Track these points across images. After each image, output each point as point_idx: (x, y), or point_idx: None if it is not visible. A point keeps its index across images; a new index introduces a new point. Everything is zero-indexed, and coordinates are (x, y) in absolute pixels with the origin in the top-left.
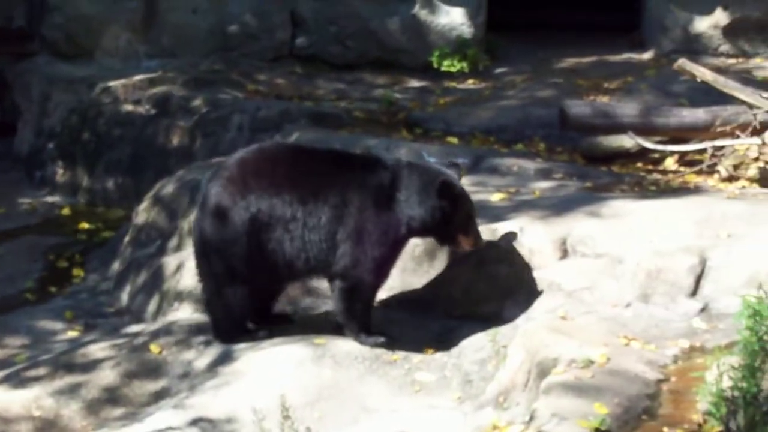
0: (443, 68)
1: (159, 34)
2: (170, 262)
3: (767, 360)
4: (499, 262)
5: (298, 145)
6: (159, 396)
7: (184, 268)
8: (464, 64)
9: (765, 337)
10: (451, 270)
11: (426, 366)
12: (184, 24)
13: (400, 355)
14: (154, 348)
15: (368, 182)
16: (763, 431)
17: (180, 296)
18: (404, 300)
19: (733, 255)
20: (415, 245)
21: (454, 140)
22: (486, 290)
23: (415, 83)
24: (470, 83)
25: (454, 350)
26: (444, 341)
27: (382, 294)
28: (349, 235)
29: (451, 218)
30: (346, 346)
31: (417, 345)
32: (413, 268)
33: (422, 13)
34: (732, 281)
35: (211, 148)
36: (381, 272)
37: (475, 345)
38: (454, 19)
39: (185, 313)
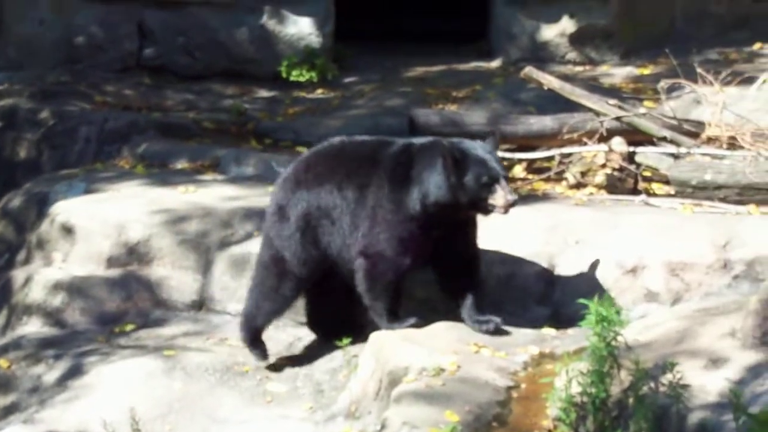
0: (292, 78)
1: (4, 46)
2: (18, 275)
3: (615, 365)
4: None
5: (349, 138)
6: (8, 411)
7: (32, 282)
8: (313, 74)
9: (613, 343)
10: None
11: (277, 376)
12: (30, 35)
13: (251, 365)
14: (2, 362)
15: (386, 162)
16: None
17: (29, 310)
18: None
19: (582, 261)
20: None
21: (303, 150)
22: None
23: (264, 93)
24: (319, 93)
25: (306, 360)
26: (295, 351)
27: (231, 304)
28: (368, 215)
29: (463, 185)
30: (196, 357)
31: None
32: None
33: (270, 23)
34: (580, 287)
35: (58, 161)
36: (399, 252)
37: (327, 355)
38: (302, 29)
39: (34, 327)
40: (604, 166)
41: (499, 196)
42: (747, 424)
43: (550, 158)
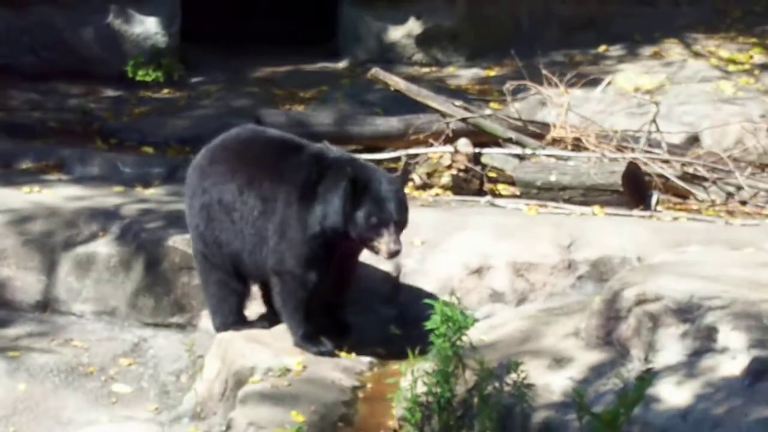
0: (138, 78)
1: None
2: None
3: (460, 365)
4: (195, 271)
5: (259, 130)
6: None
7: None
8: (159, 74)
9: (458, 343)
10: (146, 279)
11: (122, 377)
12: None
13: (95, 366)
14: None
15: (294, 177)
16: None
17: None
18: (99, 311)
19: (427, 262)
20: (110, 256)
21: (149, 150)
22: (182, 299)
23: (110, 93)
24: (165, 93)
25: (151, 361)
26: (140, 352)
27: (76, 305)
28: (275, 230)
29: (354, 219)
30: (41, 359)
31: (112, 356)
32: (108, 279)
33: (116, 23)
34: (426, 287)
35: None
36: (306, 269)
37: (172, 355)
38: (148, 29)
39: None
40: (449, 167)
41: (383, 242)
42: (591, 424)
43: (397, 159)
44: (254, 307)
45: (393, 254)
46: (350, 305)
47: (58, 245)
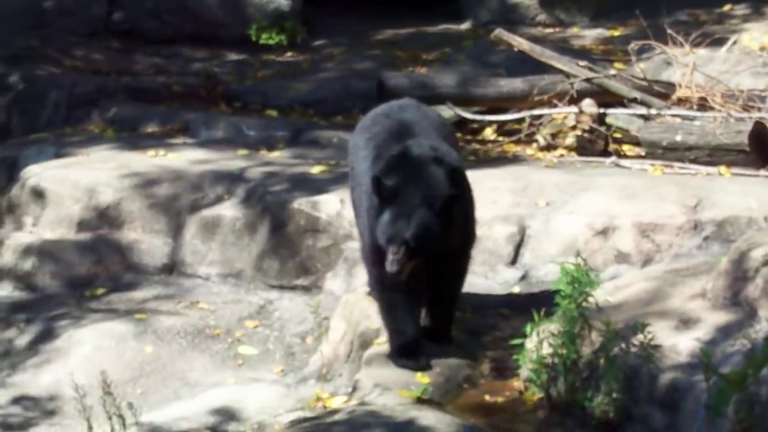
0: (261, 41)
1: None
2: None
3: (586, 326)
4: (320, 233)
5: (406, 106)
6: None
7: (3, 246)
8: (282, 37)
9: (584, 304)
10: (271, 242)
11: (248, 339)
12: None
13: (221, 328)
14: None
15: (379, 165)
16: (583, 397)
17: (0, 274)
18: (225, 273)
19: (552, 223)
20: (235, 218)
21: (273, 113)
22: (307, 262)
23: (233, 56)
24: (288, 56)
25: (276, 323)
26: (265, 314)
27: (202, 268)
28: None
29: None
30: (167, 321)
31: (238, 318)
32: (233, 241)
33: None
34: (550, 249)
35: (27, 126)
36: (374, 263)
37: (297, 317)
38: None
39: (5, 291)
40: (574, 127)
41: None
42: (717, 384)
43: (521, 120)
44: None
45: (394, 274)
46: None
47: (183, 208)
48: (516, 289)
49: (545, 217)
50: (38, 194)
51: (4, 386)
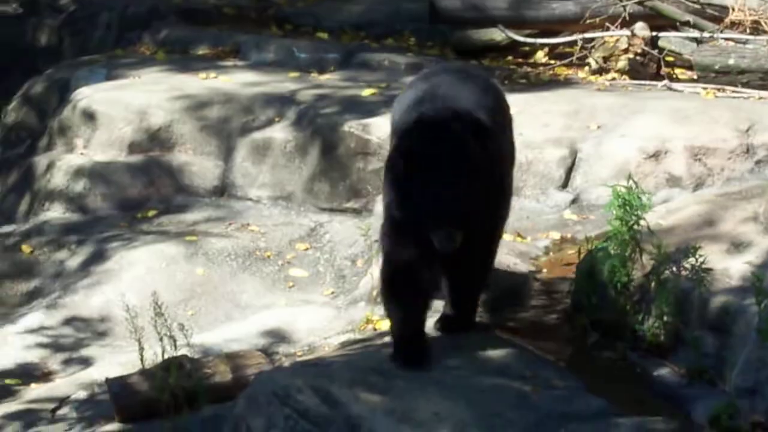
0: None
1: None
2: (41, 161)
3: (637, 250)
4: (371, 156)
5: (459, 69)
6: (31, 296)
7: (54, 168)
8: None
9: (635, 227)
10: (322, 165)
11: (299, 262)
12: None
13: (272, 251)
14: (25, 248)
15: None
16: (633, 320)
17: (51, 196)
18: (275, 196)
19: (603, 146)
20: (286, 141)
21: (324, 35)
22: (358, 185)
23: None
24: None
25: (327, 246)
26: (316, 237)
27: (252, 190)
28: None
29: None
30: (218, 243)
31: (289, 241)
32: (284, 164)
33: None
34: (602, 172)
35: (79, 47)
36: (394, 247)
37: (348, 240)
38: None
39: (56, 213)
40: (626, 51)
41: (435, 237)
42: None
43: (573, 44)
44: None
45: (445, 252)
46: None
47: (234, 131)
48: (567, 213)
49: (597, 141)
50: (89, 116)
51: (56, 307)
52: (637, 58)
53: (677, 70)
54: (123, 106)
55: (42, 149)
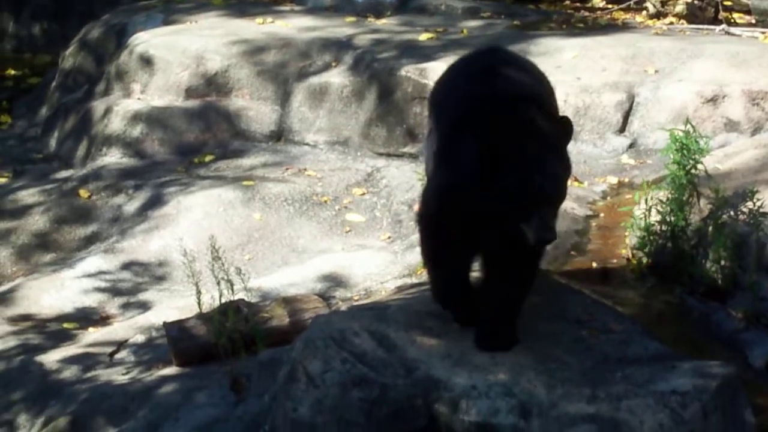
0: None
1: None
2: (98, 106)
3: (695, 194)
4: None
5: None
6: (89, 241)
7: (112, 112)
8: None
9: (692, 171)
10: (378, 109)
11: (356, 207)
12: None
13: (329, 196)
14: (83, 193)
15: (460, 107)
16: (690, 264)
17: (108, 140)
18: (332, 141)
19: (661, 91)
20: (343, 86)
21: None
22: (415, 129)
23: None
24: None
25: (383, 190)
26: (373, 182)
27: (309, 135)
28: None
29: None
30: (275, 188)
31: (346, 186)
32: (341, 109)
33: None
34: (659, 117)
35: None
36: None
37: (405, 185)
38: None
39: (114, 158)
40: None
41: (533, 226)
42: None
43: None
44: None
45: (543, 243)
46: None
47: (291, 76)
48: (624, 157)
49: (654, 85)
50: (147, 61)
51: (114, 252)
52: (695, 2)
53: (735, 15)
54: (180, 51)
55: (99, 94)
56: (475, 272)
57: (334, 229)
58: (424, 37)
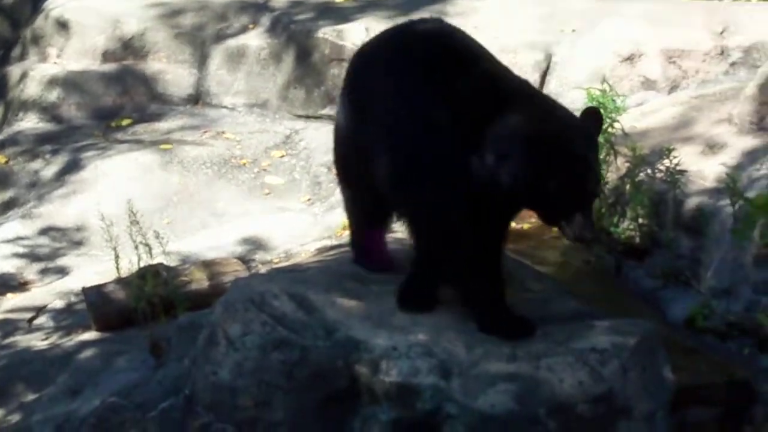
0: None
1: None
2: (14, 71)
3: (612, 152)
4: (346, 62)
5: (445, 30)
6: (7, 206)
7: (28, 77)
8: None
9: (610, 130)
10: (296, 71)
11: (275, 169)
12: None
13: (248, 158)
14: (0, 158)
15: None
16: (609, 222)
17: (25, 105)
18: (250, 103)
19: (578, 50)
20: (261, 48)
21: None
22: (333, 91)
23: None
24: None
25: (302, 153)
26: (291, 144)
27: (227, 98)
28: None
29: (541, 189)
30: (193, 151)
31: (264, 148)
32: (259, 71)
33: None
34: (577, 76)
35: None
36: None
37: (323, 147)
38: None
39: (30, 123)
40: None
41: (574, 224)
42: (743, 209)
43: None
44: None
45: (582, 241)
46: None
47: (208, 38)
48: None
49: (571, 44)
50: (62, 25)
51: (31, 217)
52: None
53: None
54: (96, 15)
55: (15, 59)
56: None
57: (253, 192)
58: None
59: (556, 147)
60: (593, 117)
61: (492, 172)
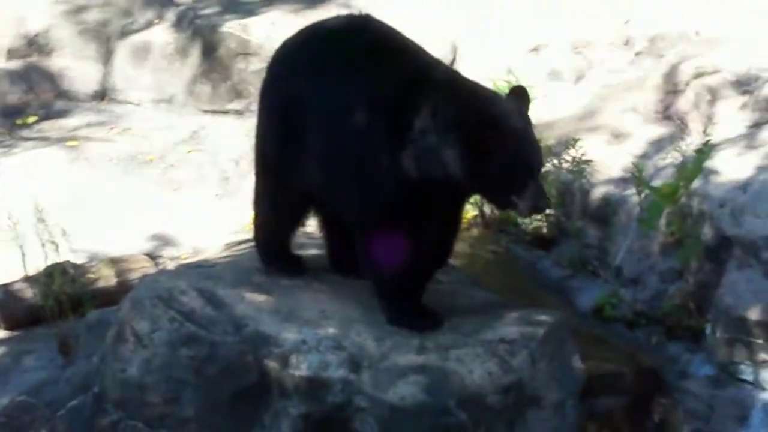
0: None
1: None
2: None
3: None
4: (251, 56)
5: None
6: None
7: None
8: None
9: None
10: (203, 66)
11: (182, 165)
12: None
13: (155, 154)
14: None
15: (384, 99)
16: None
17: None
18: (157, 99)
19: (484, 42)
20: (166, 43)
21: None
22: (239, 86)
23: None
24: None
25: (210, 148)
26: (199, 139)
27: (133, 93)
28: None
29: (487, 171)
30: (100, 148)
31: (172, 144)
32: (165, 66)
33: None
34: (483, 66)
35: None
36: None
37: (231, 142)
38: None
39: None
40: None
41: (527, 197)
42: (650, 198)
43: None
44: None
45: (540, 212)
46: None
47: (113, 34)
48: None
49: (477, 36)
50: None
51: None
52: None
53: None
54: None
55: None
56: None
57: (161, 188)
58: None
59: (493, 128)
60: (521, 94)
61: (426, 166)
